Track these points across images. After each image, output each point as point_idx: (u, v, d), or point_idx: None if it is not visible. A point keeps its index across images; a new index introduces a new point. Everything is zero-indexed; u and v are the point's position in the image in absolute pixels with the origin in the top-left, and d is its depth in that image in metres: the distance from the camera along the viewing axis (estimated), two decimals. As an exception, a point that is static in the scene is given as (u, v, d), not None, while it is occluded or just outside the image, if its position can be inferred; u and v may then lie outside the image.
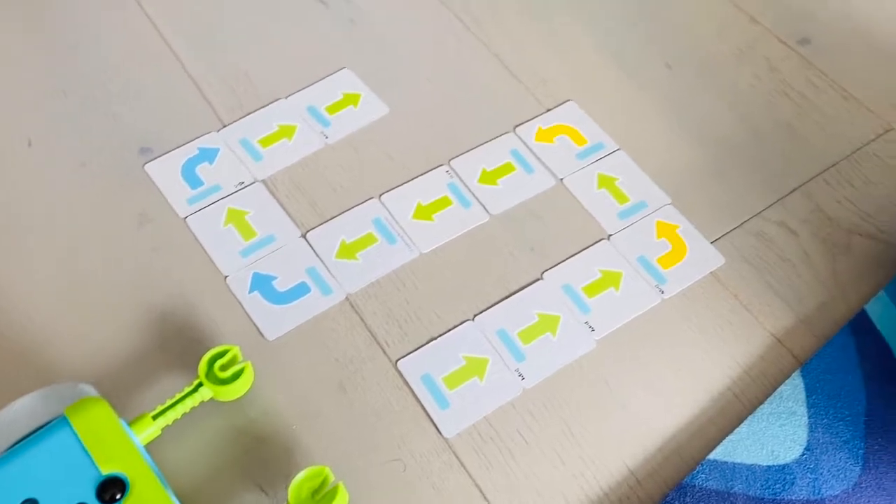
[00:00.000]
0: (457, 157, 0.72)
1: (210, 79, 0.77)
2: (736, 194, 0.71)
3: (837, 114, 0.76)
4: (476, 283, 0.65)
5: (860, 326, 0.62)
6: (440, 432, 0.58)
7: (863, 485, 0.54)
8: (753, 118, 0.75)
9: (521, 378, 0.60)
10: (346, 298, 0.64)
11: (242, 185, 0.70)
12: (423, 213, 0.68)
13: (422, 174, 0.71)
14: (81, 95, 0.76)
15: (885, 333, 0.62)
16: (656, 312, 0.64)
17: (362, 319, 0.63)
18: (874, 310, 0.63)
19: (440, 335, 0.62)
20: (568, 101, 0.76)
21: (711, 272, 0.66)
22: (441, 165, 0.71)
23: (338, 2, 0.82)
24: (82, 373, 0.61)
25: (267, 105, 0.75)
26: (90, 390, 0.54)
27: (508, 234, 0.68)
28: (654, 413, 0.59)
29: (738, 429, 0.57)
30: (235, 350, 0.58)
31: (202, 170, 0.71)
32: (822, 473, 0.55)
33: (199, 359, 0.58)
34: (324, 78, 0.77)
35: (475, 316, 0.63)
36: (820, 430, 0.57)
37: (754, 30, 0.82)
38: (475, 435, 0.58)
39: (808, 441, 0.56)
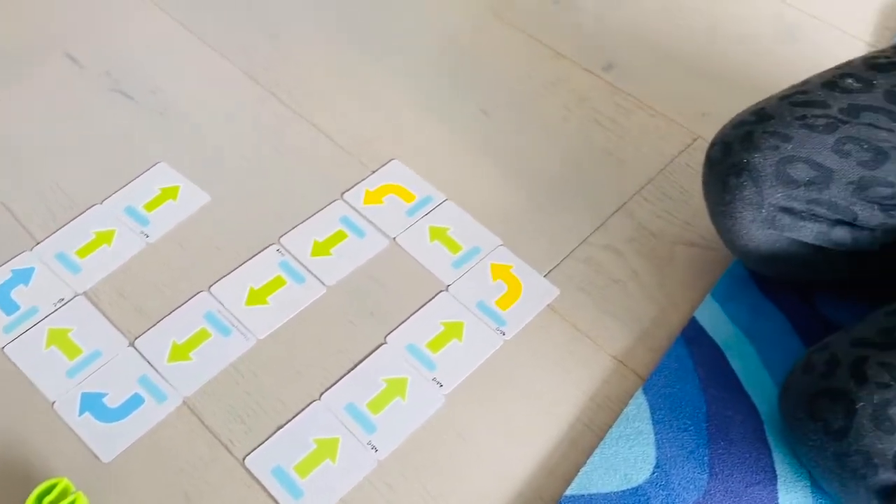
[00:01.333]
0: (286, 233, 0.71)
1: (17, 195, 0.73)
2: (563, 225, 0.72)
3: (647, 131, 0.79)
4: (319, 360, 0.64)
5: (692, 335, 0.64)
6: (296, 524, 0.56)
7: (711, 492, 0.56)
8: (570, 149, 0.78)
9: (374, 450, 0.59)
10: (184, 402, 0.61)
11: (63, 302, 0.66)
12: (257, 297, 0.67)
13: (252, 257, 0.69)
14: None
15: (715, 337, 0.64)
16: (500, 355, 0.64)
17: (202, 421, 0.60)
18: (703, 315, 0.65)
19: (287, 422, 0.60)
20: (392, 159, 0.76)
21: (548, 305, 0.67)
22: (271, 245, 0.70)
23: (144, 95, 0.81)
24: None
25: (82, 213, 0.72)
26: None
27: (347, 303, 0.67)
28: (511, 458, 0.59)
29: (590, 459, 0.58)
30: (64, 482, 0.54)
31: (18, 293, 0.67)
32: (673, 489, 0.56)
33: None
34: (139, 175, 0.74)
35: (321, 395, 0.62)
36: (667, 445, 0.58)
37: (561, 64, 0.85)
38: (333, 520, 0.56)
39: (657, 458, 0.57)
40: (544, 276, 0.69)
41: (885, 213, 0.55)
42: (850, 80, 0.57)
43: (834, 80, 0.57)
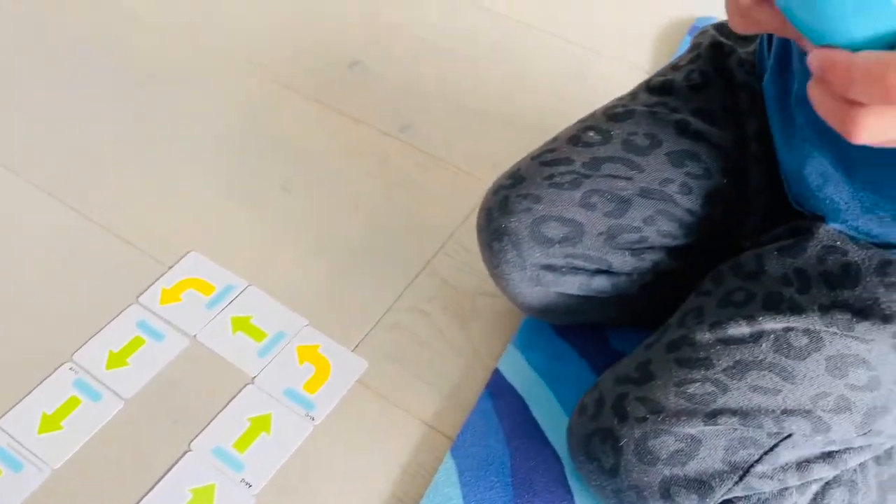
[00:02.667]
0: (79, 348, 0.68)
1: None
2: (369, 294, 0.73)
3: (447, 187, 0.81)
4: (120, 480, 0.61)
5: (497, 387, 0.66)
6: None
7: (518, 549, 0.57)
8: (375, 214, 0.79)
9: (182, 568, 0.57)
10: (-29, 555, 0.58)
11: None
12: (50, 423, 0.63)
13: (43, 380, 0.66)
14: None
15: (517, 386, 0.66)
16: (311, 442, 0.64)
17: (-8, 572, 0.57)
18: (506, 365, 0.67)
19: (86, 555, 0.58)
20: (189, 252, 0.75)
21: (357, 380, 0.67)
22: (64, 363, 0.67)
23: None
24: None
25: None
26: None
27: (147, 414, 0.65)
28: (328, 549, 0.59)
29: (401, 537, 0.58)
30: None
31: None
32: (483, 551, 0.57)
33: None
34: (-85, 309, 0.70)
35: (123, 518, 0.60)
36: (474, 507, 0.59)
37: (359, 129, 0.86)
38: None
39: (465, 523, 0.58)
40: (352, 350, 0.69)
41: (635, 257, 0.58)
42: (591, 134, 0.60)
43: (577, 135, 0.60)
